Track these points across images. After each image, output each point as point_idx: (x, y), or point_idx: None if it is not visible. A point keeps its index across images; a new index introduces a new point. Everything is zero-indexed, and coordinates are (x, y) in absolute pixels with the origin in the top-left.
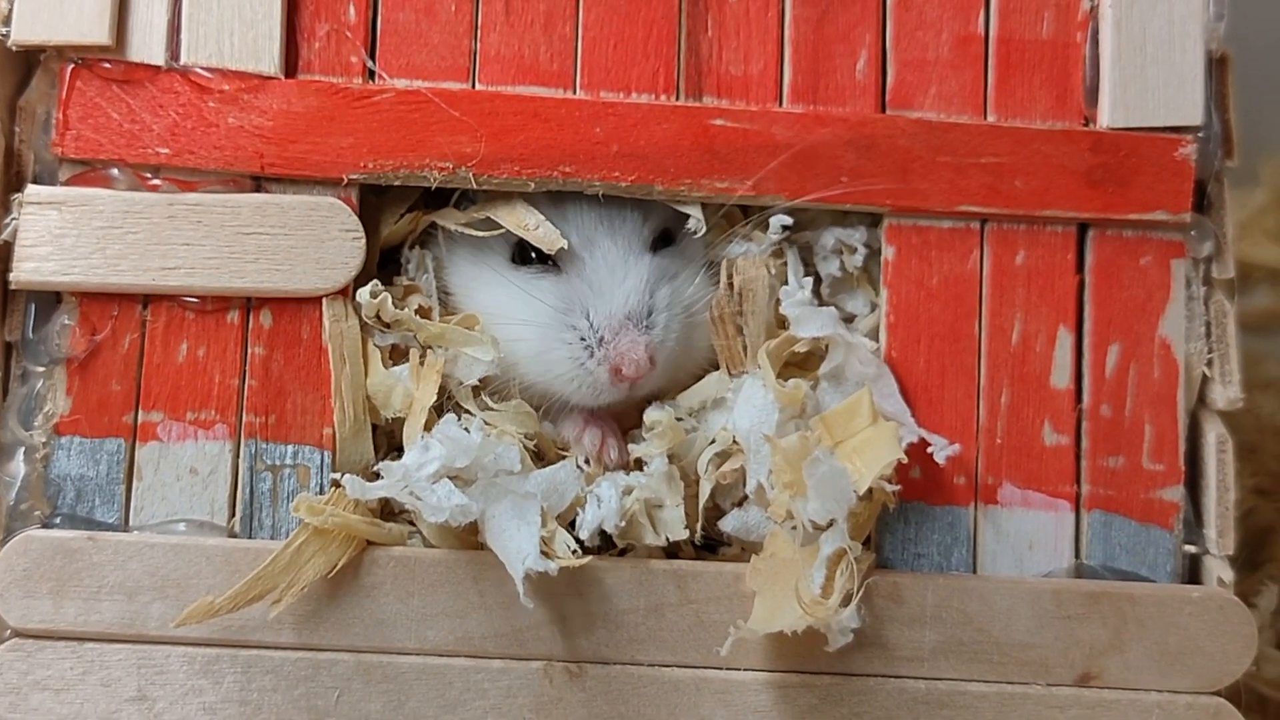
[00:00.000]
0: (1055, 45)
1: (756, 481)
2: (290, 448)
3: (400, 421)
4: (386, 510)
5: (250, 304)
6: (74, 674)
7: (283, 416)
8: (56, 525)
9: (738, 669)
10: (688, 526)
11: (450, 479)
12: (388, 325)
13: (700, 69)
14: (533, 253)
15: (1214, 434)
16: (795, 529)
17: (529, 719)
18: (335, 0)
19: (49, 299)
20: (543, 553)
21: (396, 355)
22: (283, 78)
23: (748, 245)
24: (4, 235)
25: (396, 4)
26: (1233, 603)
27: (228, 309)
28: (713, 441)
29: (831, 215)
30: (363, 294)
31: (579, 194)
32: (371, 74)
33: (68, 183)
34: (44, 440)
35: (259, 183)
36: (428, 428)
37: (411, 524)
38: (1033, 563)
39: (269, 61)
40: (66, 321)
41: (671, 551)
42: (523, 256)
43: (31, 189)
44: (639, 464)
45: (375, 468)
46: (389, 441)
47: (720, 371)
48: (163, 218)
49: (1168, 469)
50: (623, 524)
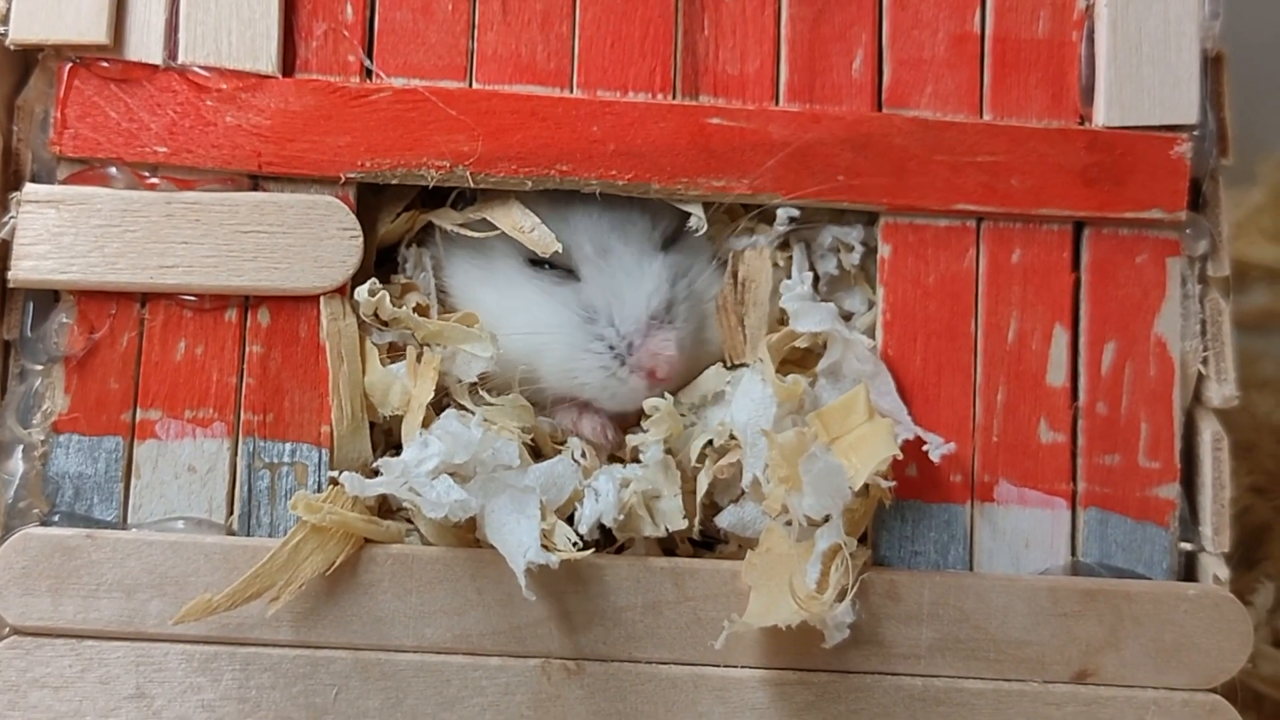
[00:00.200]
0: (1051, 44)
1: (753, 475)
2: (288, 446)
3: (398, 419)
4: (384, 508)
5: (248, 302)
6: (72, 671)
7: (280, 414)
8: (55, 523)
9: (735, 666)
10: (686, 516)
11: (449, 475)
12: (385, 323)
13: (697, 68)
14: (546, 262)
15: (1210, 432)
16: (791, 524)
17: (527, 716)
18: None
19: (47, 297)
20: (543, 546)
21: (394, 353)
22: (280, 77)
23: (755, 238)
24: (2, 234)
25: (394, 3)
26: (1229, 600)
27: (226, 307)
28: (702, 433)
29: (828, 214)
30: (361, 292)
31: (588, 199)
32: (369, 73)
33: (66, 181)
34: (42, 438)
35: (257, 181)
36: (426, 425)
37: (409, 522)
38: (1029, 560)
39: (267, 60)
40: (65, 320)
41: (669, 549)
42: (539, 259)
43: (29, 187)
44: (635, 457)
45: (374, 464)
46: (386, 439)
47: (717, 366)
48: (161, 216)
49: (1163, 467)
50: (621, 517)
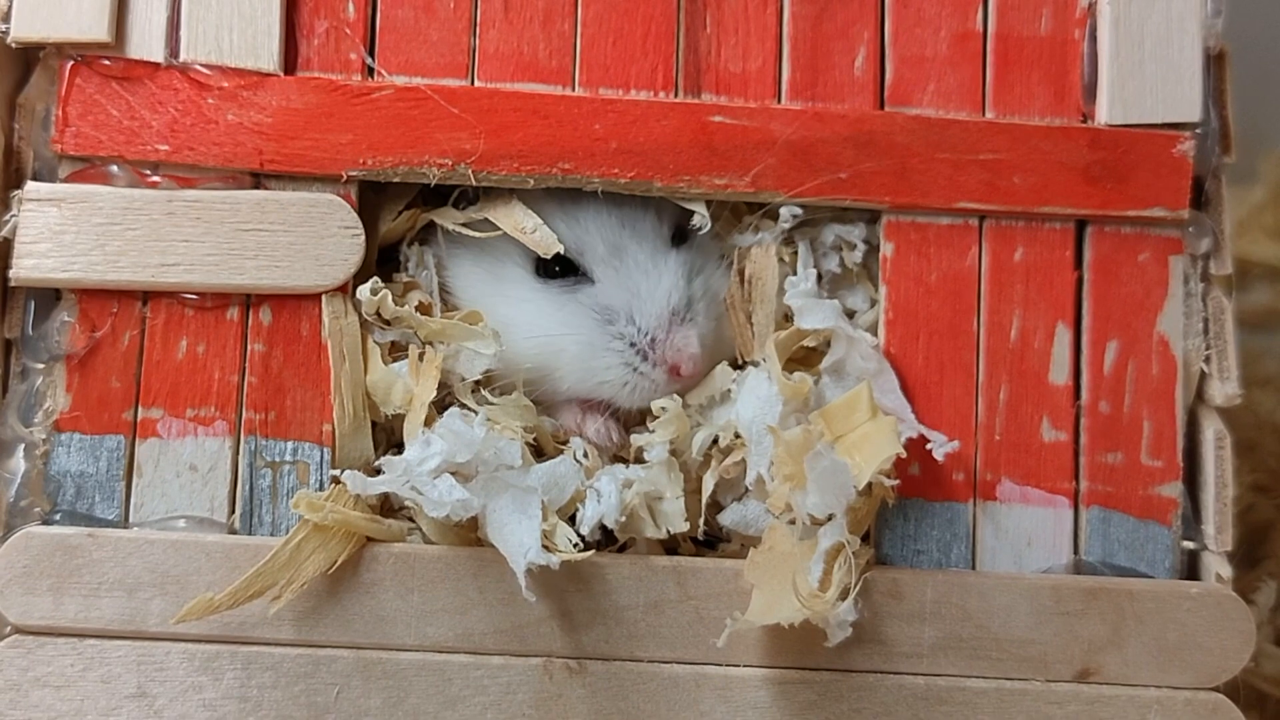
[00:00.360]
0: (1053, 42)
1: (757, 473)
2: (290, 444)
3: (400, 418)
4: (386, 507)
5: (250, 301)
6: (74, 670)
7: (282, 413)
8: (56, 522)
9: (737, 665)
10: (688, 519)
11: (451, 474)
12: (387, 322)
13: (699, 66)
14: (556, 266)
15: (1212, 430)
16: (794, 523)
17: (529, 715)
18: None
19: (49, 296)
20: (544, 546)
21: (396, 352)
22: (282, 74)
23: (761, 234)
24: (3, 232)
25: (396, 1)
26: (1231, 599)
27: (227, 306)
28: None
29: (831, 212)
30: (363, 291)
31: (596, 201)
32: (371, 71)
33: (67, 179)
34: (44, 437)
35: (258, 179)
36: (428, 424)
37: (411, 521)
38: (1031, 559)
39: (268, 58)
40: (66, 318)
41: (671, 548)
42: (548, 269)
43: (31, 186)
44: (640, 457)
45: (377, 463)
46: (388, 439)
47: (723, 365)
48: (162, 214)
49: (1166, 465)
50: (623, 518)
